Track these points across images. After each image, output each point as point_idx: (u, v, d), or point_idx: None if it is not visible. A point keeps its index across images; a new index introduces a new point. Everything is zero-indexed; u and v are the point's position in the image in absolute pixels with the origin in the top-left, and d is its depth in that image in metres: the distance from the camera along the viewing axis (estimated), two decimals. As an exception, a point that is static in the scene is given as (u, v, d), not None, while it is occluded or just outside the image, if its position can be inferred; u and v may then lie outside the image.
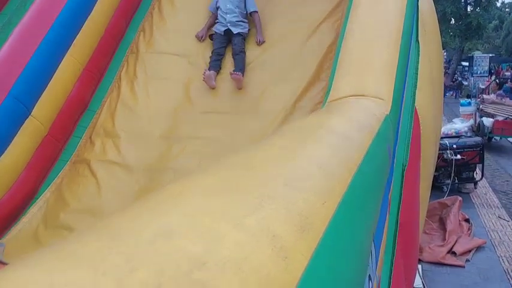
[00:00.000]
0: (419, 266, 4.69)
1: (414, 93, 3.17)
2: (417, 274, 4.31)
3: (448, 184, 6.72)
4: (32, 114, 3.46)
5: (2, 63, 3.36)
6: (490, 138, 10.54)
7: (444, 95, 20.03)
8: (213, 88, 3.76)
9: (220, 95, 3.78)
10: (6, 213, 3.35)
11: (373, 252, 1.42)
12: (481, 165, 7.05)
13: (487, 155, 8.57)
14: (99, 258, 0.46)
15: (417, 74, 3.29)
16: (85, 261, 0.46)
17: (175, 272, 0.46)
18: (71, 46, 3.77)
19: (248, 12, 4.02)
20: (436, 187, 6.69)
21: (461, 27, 23.11)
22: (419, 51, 3.51)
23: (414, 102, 3.16)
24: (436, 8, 4.83)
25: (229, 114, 3.65)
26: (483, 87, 16.36)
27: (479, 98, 12.46)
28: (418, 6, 3.58)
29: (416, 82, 3.23)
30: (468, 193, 7.04)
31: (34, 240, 3.05)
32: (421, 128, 3.40)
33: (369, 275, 1.36)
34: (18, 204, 3.47)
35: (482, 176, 7.15)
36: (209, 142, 3.52)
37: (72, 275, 0.43)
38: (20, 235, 3.14)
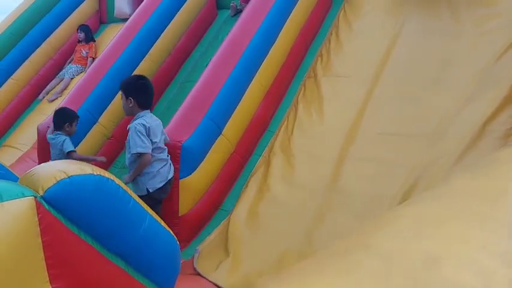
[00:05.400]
0: None
1: None
2: None
3: None
4: (222, 133, 3.87)
5: (202, 89, 3.84)
6: None
7: None
8: None
9: (397, 116, 3.65)
10: (195, 221, 3.77)
11: None
12: None
13: None
14: (382, 278, 0.48)
15: None
16: (370, 277, 0.48)
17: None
18: (257, 72, 4.12)
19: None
20: None
21: None
22: None
23: None
24: None
25: (406, 136, 3.50)
26: None
27: None
28: None
29: None
30: None
31: (223, 251, 3.33)
32: None
33: None
34: (206, 214, 3.86)
35: None
36: (383, 165, 3.42)
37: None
38: (211, 244, 3.47)
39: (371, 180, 3.30)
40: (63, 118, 3.99)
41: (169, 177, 3.34)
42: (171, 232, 2.67)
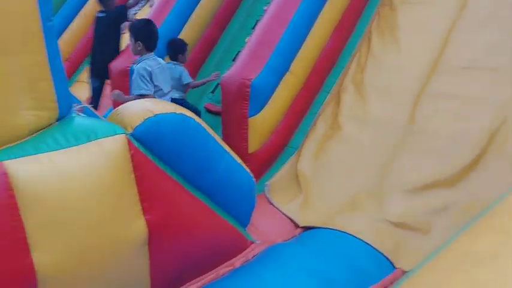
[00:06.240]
0: None
1: None
2: None
3: None
4: (290, 69, 3.76)
5: (270, 25, 3.70)
6: None
7: None
8: None
9: (484, 47, 3.33)
10: (264, 158, 3.78)
11: None
12: None
13: None
14: None
15: None
16: None
17: None
18: (326, 4, 3.89)
19: None
20: None
21: None
22: None
23: None
24: None
25: (494, 70, 3.20)
26: None
27: None
28: None
29: None
30: None
31: (294, 187, 3.35)
32: None
33: None
34: (275, 151, 3.87)
35: None
36: (468, 101, 3.18)
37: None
38: (281, 180, 3.50)
39: (454, 118, 3.09)
40: (175, 49, 4.30)
41: None
42: (247, 169, 2.72)
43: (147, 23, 3.72)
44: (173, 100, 4.02)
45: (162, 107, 2.09)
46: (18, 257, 1.64)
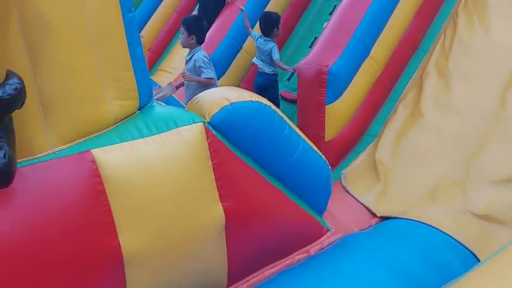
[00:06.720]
0: None
1: None
2: None
3: None
4: (370, 55, 3.63)
5: (349, 9, 3.60)
6: None
7: None
8: None
9: None
10: (341, 146, 3.71)
11: None
12: None
13: None
14: None
15: None
16: None
17: None
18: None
19: None
20: None
21: None
22: None
23: None
24: None
25: None
26: None
27: None
28: None
29: None
30: None
31: (372, 176, 3.26)
32: None
33: None
34: (352, 139, 3.78)
35: None
36: None
37: None
38: (358, 168, 3.42)
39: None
40: (269, 23, 4.27)
41: None
42: (323, 157, 2.69)
43: (198, 18, 4.02)
44: (266, 75, 4.29)
45: (239, 95, 2.13)
46: (107, 240, 1.76)
